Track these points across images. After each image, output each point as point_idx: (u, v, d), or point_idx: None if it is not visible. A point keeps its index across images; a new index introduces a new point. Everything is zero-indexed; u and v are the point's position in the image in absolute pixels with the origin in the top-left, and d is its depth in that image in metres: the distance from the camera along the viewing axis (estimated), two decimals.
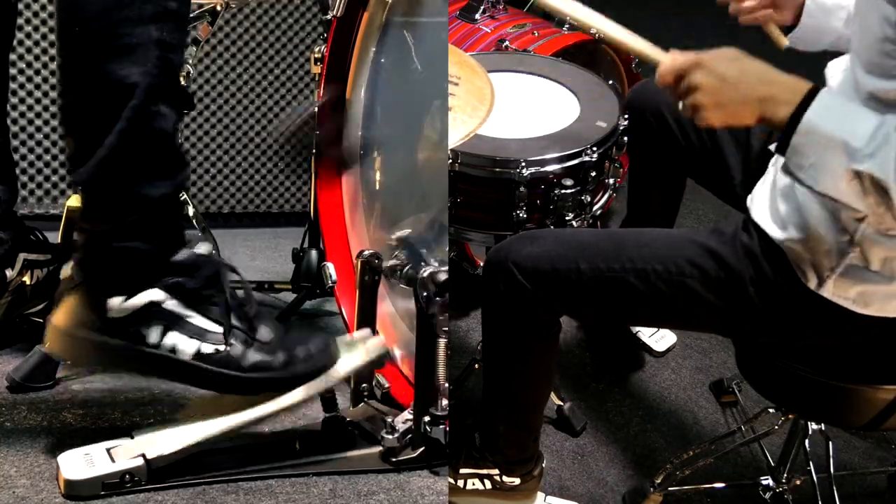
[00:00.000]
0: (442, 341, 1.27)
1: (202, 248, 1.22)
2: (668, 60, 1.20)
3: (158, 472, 1.15)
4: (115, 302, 1.16)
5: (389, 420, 1.29)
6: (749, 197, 1.34)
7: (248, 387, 1.21)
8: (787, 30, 1.47)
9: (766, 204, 1.28)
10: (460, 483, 1.61)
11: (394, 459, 1.27)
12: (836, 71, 1.25)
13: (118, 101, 1.10)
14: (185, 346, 1.19)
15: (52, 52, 2.57)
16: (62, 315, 1.19)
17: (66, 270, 1.20)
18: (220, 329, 1.20)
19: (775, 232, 1.25)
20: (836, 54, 1.34)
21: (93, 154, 1.11)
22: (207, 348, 1.19)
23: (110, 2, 1.08)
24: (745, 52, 1.15)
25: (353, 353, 1.28)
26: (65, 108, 1.15)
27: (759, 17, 1.44)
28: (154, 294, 1.17)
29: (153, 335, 1.18)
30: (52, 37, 2.54)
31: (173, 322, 1.18)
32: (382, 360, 1.33)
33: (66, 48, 1.12)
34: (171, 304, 1.18)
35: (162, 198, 1.16)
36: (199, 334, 1.19)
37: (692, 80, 1.14)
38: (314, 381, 1.23)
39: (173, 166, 1.18)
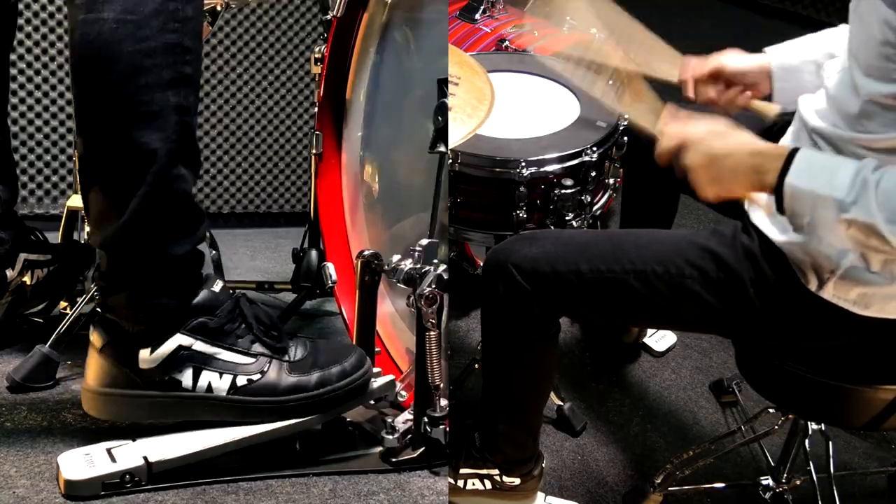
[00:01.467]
0: (441, 341, 1.27)
1: (217, 286, 1.24)
2: (661, 138, 1.25)
3: (159, 472, 1.16)
4: (144, 354, 1.18)
5: (389, 420, 1.29)
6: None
7: (289, 412, 1.23)
8: (769, 99, 1.49)
9: (765, 205, 1.28)
10: (460, 483, 1.61)
11: (394, 460, 1.27)
12: (831, 72, 1.25)
13: (140, 166, 1.11)
14: (219, 383, 1.21)
15: (53, 52, 2.58)
16: (93, 378, 1.21)
17: (91, 336, 1.22)
18: (250, 360, 1.22)
19: (775, 234, 1.25)
20: None
21: (117, 219, 1.13)
22: (242, 380, 1.21)
23: (129, 69, 1.08)
24: (731, 123, 1.20)
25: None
26: (87, 172, 1.16)
27: (740, 103, 1.48)
28: (180, 339, 1.19)
29: (186, 379, 1.20)
30: (52, 37, 2.56)
31: (204, 362, 1.20)
32: (389, 399, 1.36)
33: (87, 116, 1.13)
34: (199, 346, 1.20)
35: (185, 255, 1.19)
36: (231, 369, 1.21)
37: (684, 161, 1.21)
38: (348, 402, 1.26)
39: (194, 224, 1.20)
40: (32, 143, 2.61)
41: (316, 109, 1.73)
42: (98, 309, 1.24)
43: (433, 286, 1.25)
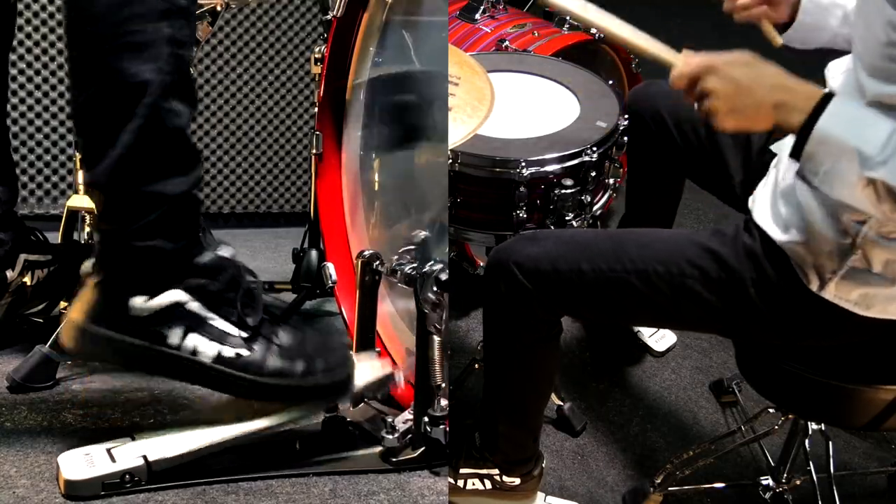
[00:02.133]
0: (441, 341, 1.27)
1: (225, 251, 1.21)
2: (680, 63, 1.19)
3: (159, 472, 1.15)
4: (138, 301, 1.15)
5: (389, 420, 1.29)
6: (750, 198, 1.34)
7: (267, 393, 1.20)
8: (781, 28, 1.46)
9: (767, 205, 1.28)
10: (460, 483, 1.61)
11: (394, 459, 1.27)
12: (836, 72, 1.24)
13: (131, 99, 1.09)
14: (206, 348, 1.18)
15: (53, 52, 2.58)
16: (80, 310, 1.17)
17: (87, 266, 1.19)
18: (242, 334, 1.20)
19: (777, 233, 1.25)
20: (832, 53, 1.34)
21: (107, 153, 1.10)
22: (228, 352, 1.19)
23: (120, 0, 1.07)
24: (758, 55, 1.15)
25: (362, 374, 1.30)
26: (77, 107, 1.14)
27: (753, 14, 1.43)
28: (177, 295, 1.16)
29: (174, 336, 1.17)
30: (53, 37, 2.56)
31: (195, 324, 1.17)
32: (387, 385, 1.35)
33: (77, 47, 1.11)
34: (194, 306, 1.17)
35: (180, 194, 1.16)
36: (221, 337, 1.19)
37: (706, 84, 1.15)
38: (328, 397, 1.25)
39: (189, 163, 1.17)
40: (32, 143, 2.61)
41: (316, 109, 1.73)
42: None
43: (437, 290, 1.25)
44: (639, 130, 1.68)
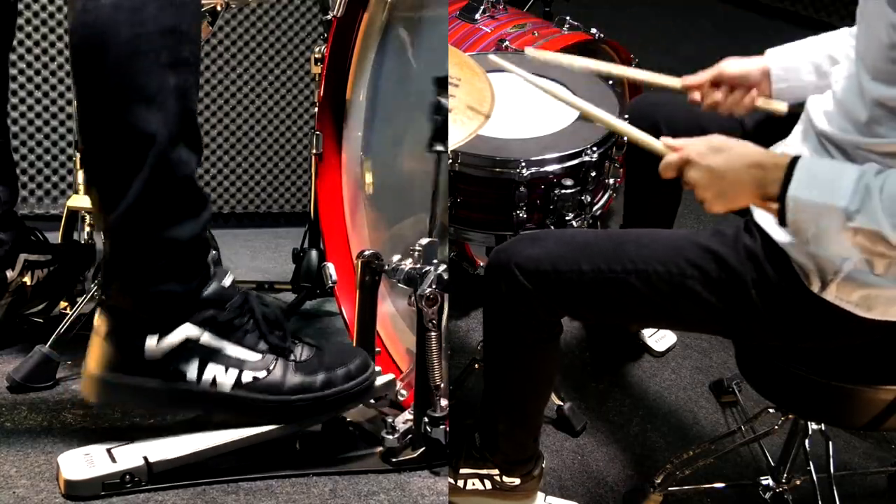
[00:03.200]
0: (441, 341, 1.27)
1: (227, 281, 1.23)
2: (664, 156, 1.26)
3: (159, 472, 1.15)
4: (151, 342, 1.17)
5: (390, 420, 1.30)
6: None
7: (292, 411, 1.22)
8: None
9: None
10: (460, 483, 1.61)
11: (394, 460, 1.27)
12: (838, 77, 1.24)
13: (140, 149, 1.11)
14: (224, 377, 1.20)
15: (53, 52, 2.58)
16: (96, 362, 1.19)
17: (96, 320, 1.20)
18: (257, 357, 1.22)
19: (778, 235, 1.25)
20: None
21: (120, 203, 1.12)
22: (247, 377, 1.21)
23: (127, 51, 1.08)
24: (727, 137, 1.21)
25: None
26: (88, 157, 1.16)
27: (746, 105, 1.48)
28: (188, 330, 1.18)
29: (192, 371, 1.19)
30: (53, 37, 2.56)
31: (210, 355, 1.19)
32: (388, 397, 1.36)
33: (85, 98, 1.12)
34: (206, 338, 1.19)
35: (191, 238, 1.18)
36: (237, 364, 1.20)
37: (687, 178, 1.22)
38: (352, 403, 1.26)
39: (198, 206, 1.19)
40: (32, 143, 2.61)
41: (316, 109, 1.73)
42: (104, 297, 1.22)
43: (434, 286, 1.25)
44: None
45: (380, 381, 1.32)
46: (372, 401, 1.36)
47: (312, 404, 1.22)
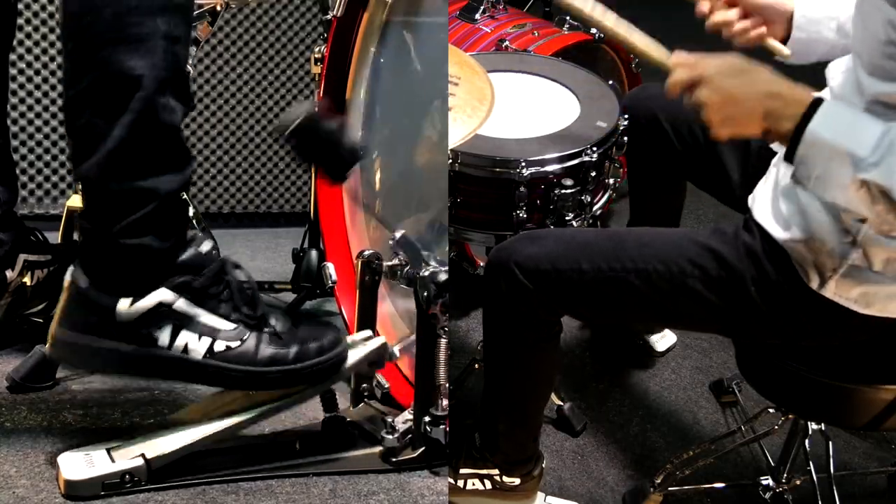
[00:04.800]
0: (442, 341, 1.27)
1: (205, 246, 1.20)
2: (674, 72, 1.20)
3: (158, 472, 1.15)
4: (124, 305, 1.15)
5: (389, 420, 1.29)
6: (751, 196, 1.34)
7: (264, 382, 1.20)
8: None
9: (768, 204, 1.28)
10: (460, 483, 1.61)
11: (394, 459, 1.27)
12: (836, 72, 1.24)
13: (125, 93, 1.08)
14: (196, 345, 1.17)
15: (52, 52, 2.57)
16: (66, 322, 1.17)
17: (68, 277, 1.18)
18: (231, 326, 1.19)
19: (777, 232, 1.24)
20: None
21: (99, 148, 1.09)
22: (220, 346, 1.18)
23: None
24: (748, 59, 1.16)
25: (356, 350, 1.29)
26: (69, 101, 1.12)
27: (752, 37, 1.43)
28: (163, 295, 1.16)
29: (164, 336, 1.17)
30: (52, 37, 2.56)
31: (183, 322, 1.17)
32: (383, 361, 1.33)
33: (72, 38, 1.10)
34: (180, 304, 1.17)
35: (171, 192, 1.15)
36: (211, 332, 1.18)
37: (698, 96, 1.17)
38: (324, 378, 1.24)
39: (181, 160, 1.16)
40: (32, 143, 2.61)
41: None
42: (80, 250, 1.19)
43: (437, 289, 1.24)
44: (636, 134, 1.68)
45: (373, 344, 1.30)
46: (372, 401, 1.36)
47: (284, 376, 1.20)
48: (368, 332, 1.34)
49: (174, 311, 1.17)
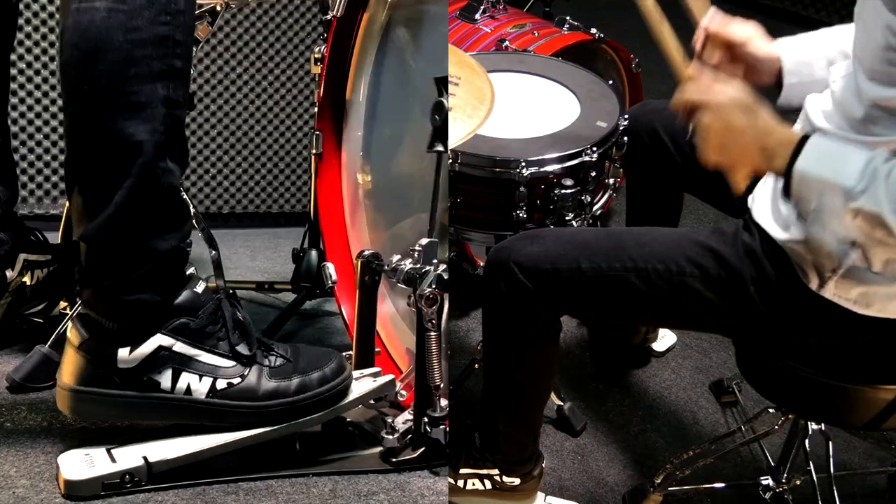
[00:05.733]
0: (441, 341, 1.27)
1: (200, 287, 1.23)
2: (685, 86, 1.22)
3: (158, 472, 1.15)
4: (123, 353, 1.17)
5: (389, 420, 1.29)
6: (750, 197, 1.34)
7: (267, 418, 1.22)
8: (767, 90, 1.43)
9: (767, 204, 1.28)
10: (460, 483, 1.61)
11: (394, 460, 1.27)
12: (836, 76, 1.24)
13: (126, 158, 1.10)
14: (198, 385, 1.19)
15: (52, 52, 2.58)
16: (69, 376, 1.19)
17: (69, 333, 1.20)
18: (230, 363, 1.21)
19: (777, 232, 1.25)
20: None
21: (101, 212, 1.12)
22: (221, 384, 1.20)
23: (119, 60, 1.07)
24: (755, 97, 1.17)
25: (362, 384, 1.30)
26: (71, 164, 1.15)
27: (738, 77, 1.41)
28: (160, 340, 1.18)
29: (166, 380, 1.18)
30: (52, 37, 2.56)
31: (183, 364, 1.19)
32: (388, 397, 1.35)
33: (74, 105, 1.11)
34: (179, 347, 1.19)
35: (171, 250, 1.17)
36: (211, 371, 1.20)
37: (701, 119, 1.18)
38: (327, 407, 1.25)
39: (180, 219, 1.19)
40: (32, 143, 2.61)
41: (316, 109, 1.73)
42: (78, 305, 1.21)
43: (433, 286, 1.25)
44: (635, 147, 1.68)
45: (379, 381, 1.32)
46: (372, 402, 1.36)
47: (287, 409, 1.22)
48: (378, 369, 1.36)
49: (174, 353, 1.19)
